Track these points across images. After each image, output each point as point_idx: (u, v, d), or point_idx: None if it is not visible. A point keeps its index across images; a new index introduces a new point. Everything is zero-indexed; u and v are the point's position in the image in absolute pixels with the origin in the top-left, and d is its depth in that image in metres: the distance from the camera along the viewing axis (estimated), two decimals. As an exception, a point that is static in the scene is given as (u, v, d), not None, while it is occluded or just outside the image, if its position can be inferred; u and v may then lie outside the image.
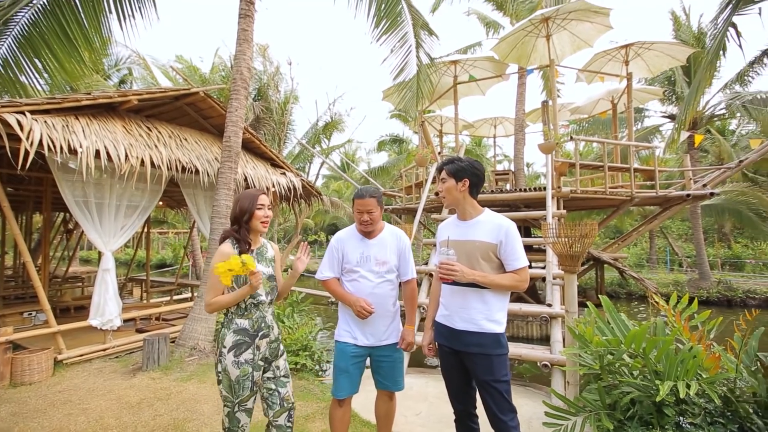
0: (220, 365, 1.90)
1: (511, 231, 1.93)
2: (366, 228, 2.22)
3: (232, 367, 1.87)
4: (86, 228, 4.71)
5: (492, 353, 1.93)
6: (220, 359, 1.91)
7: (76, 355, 4.53)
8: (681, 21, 12.32)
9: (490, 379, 1.92)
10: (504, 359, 1.96)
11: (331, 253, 2.28)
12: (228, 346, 1.89)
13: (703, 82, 4.69)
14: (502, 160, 26.64)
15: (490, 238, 1.95)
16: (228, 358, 1.88)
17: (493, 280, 1.91)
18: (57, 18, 4.67)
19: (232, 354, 1.88)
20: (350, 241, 2.27)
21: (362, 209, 2.18)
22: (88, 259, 25.25)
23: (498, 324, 1.96)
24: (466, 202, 2.04)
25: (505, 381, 1.93)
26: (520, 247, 1.93)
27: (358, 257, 2.22)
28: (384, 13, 5.55)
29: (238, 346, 1.90)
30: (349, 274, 2.24)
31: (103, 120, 4.78)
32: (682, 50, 8.05)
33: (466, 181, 2.00)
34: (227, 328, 1.93)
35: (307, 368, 4.44)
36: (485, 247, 1.95)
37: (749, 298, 10.72)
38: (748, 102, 10.87)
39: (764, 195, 15.09)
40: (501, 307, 1.98)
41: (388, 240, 2.29)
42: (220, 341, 1.92)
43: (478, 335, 1.94)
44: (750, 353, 2.64)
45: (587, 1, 6.66)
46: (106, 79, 13.39)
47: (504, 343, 1.97)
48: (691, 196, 6.75)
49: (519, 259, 1.92)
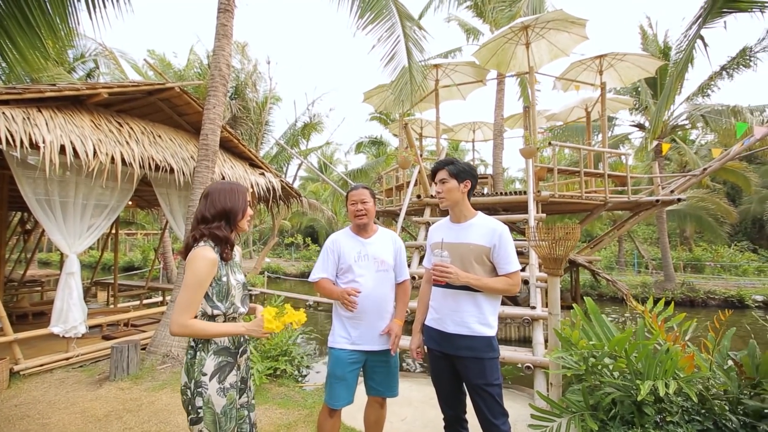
0: (200, 399, 1.49)
1: (504, 235, 1.94)
2: (361, 219, 2.18)
3: (218, 396, 1.51)
4: (49, 229, 4.40)
5: (484, 357, 1.92)
6: (198, 392, 1.50)
7: (35, 366, 4.21)
8: (648, 35, 12.96)
9: (482, 383, 1.90)
10: (495, 363, 1.96)
11: (326, 254, 2.21)
12: (209, 373, 1.51)
13: (673, 92, 4.92)
14: (479, 165, 27.14)
15: (483, 241, 1.95)
16: (211, 387, 1.50)
17: (486, 283, 1.91)
18: (17, 1, 4.35)
19: (216, 380, 1.52)
20: (346, 240, 2.23)
21: (356, 199, 2.19)
22: (47, 262, 23.77)
23: (490, 327, 1.96)
24: (464, 204, 2.04)
25: (497, 384, 1.92)
26: (513, 251, 1.94)
27: (355, 255, 2.17)
28: (368, 6, 5.47)
29: (221, 370, 1.54)
30: (346, 275, 2.17)
31: (69, 113, 4.49)
32: (652, 62, 8.45)
33: (468, 182, 2.01)
34: (204, 351, 1.53)
35: (287, 374, 4.31)
36: (479, 251, 1.95)
37: (710, 298, 11.37)
38: (708, 113, 11.54)
39: (721, 201, 16.09)
40: (493, 310, 1.98)
41: (385, 240, 2.28)
42: (196, 369, 1.51)
43: (470, 338, 1.93)
44: (723, 352, 2.75)
45: (565, 12, 6.87)
46: (70, 72, 12.68)
47: (495, 346, 1.97)
48: (660, 202, 7.07)
49: (512, 263, 1.93)
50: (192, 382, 1.52)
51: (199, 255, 1.52)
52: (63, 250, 4.50)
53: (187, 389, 1.52)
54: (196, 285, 1.50)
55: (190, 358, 1.55)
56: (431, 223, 6.70)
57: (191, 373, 1.52)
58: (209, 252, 1.54)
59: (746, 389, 2.44)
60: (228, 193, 1.65)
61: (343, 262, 2.17)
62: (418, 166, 6.68)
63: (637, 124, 14.37)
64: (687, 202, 14.27)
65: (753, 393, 2.43)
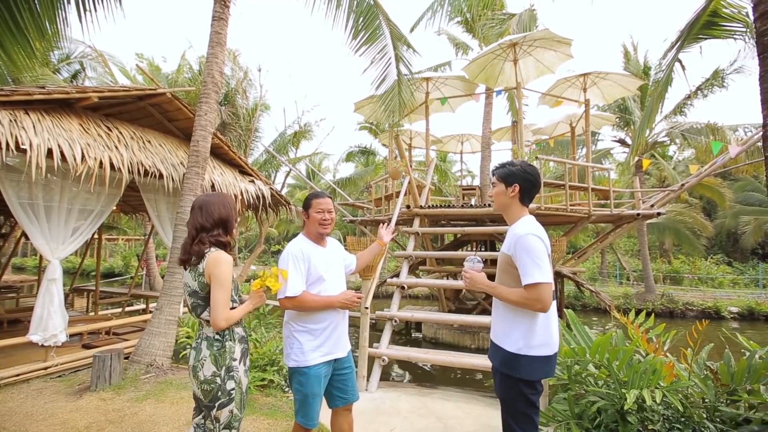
0: (231, 382, 1.74)
1: (522, 241, 1.72)
2: (326, 229, 2.17)
3: (244, 377, 1.80)
4: (31, 233, 4.29)
5: (504, 371, 1.78)
6: (230, 375, 1.74)
7: (11, 375, 4.05)
8: (630, 56, 13.51)
9: (502, 397, 1.82)
10: (512, 383, 1.75)
11: (297, 264, 2.05)
12: (238, 357, 1.80)
13: (654, 111, 5.16)
14: (466, 176, 27.50)
15: (505, 248, 1.83)
16: (240, 370, 1.79)
17: (500, 292, 1.78)
18: (6, 2, 4.29)
19: (242, 364, 1.81)
20: (312, 249, 2.14)
21: (324, 208, 2.15)
22: (21, 267, 22.90)
23: (512, 342, 1.75)
24: (513, 208, 1.89)
25: (511, 406, 1.76)
26: (530, 261, 1.69)
27: (324, 266, 2.13)
28: (362, 26, 5.63)
29: (244, 354, 1.84)
30: (315, 285, 2.08)
31: (56, 117, 4.42)
32: (633, 81, 8.81)
33: (516, 186, 1.85)
34: (231, 340, 1.80)
35: (274, 384, 4.25)
36: (503, 258, 1.85)
37: (688, 309, 11.72)
38: (686, 131, 12.05)
39: (698, 215, 16.69)
40: (517, 324, 1.76)
41: (336, 246, 2.34)
42: (227, 356, 1.76)
43: (494, 347, 1.87)
44: (700, 363, 2.86)
45: (551, 31, 7.13)
46: (55, 73, 12.44)
47: (516, 365, 1.72)
48: (641, 215, 7.31)
49: (528, 274, 1.68)
50: (223, 369, 1.74)
51: (222, 258, 1.76)
52: (45, 256, 4.38)
53: (216, 377, 1.73)
54: (228, 283, 1.76)
55: (218, 349, 1.76)
56: (420, 233, 6.76)
57: (221, 361, 1.75)
58: (225, 255, 1.79)
59: (722, 397, 2.54)
60: (221, 204, 1.86)
61: (314, 273, 2.08)
62: (408, 177, 6.76)
63: (618, 139, 14.87)
64: (666, 216, 14.75)
65: (729, 400, 2.53)
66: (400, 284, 5.52)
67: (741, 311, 11.45)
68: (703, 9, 3.94)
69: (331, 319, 2.11)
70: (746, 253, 19.71)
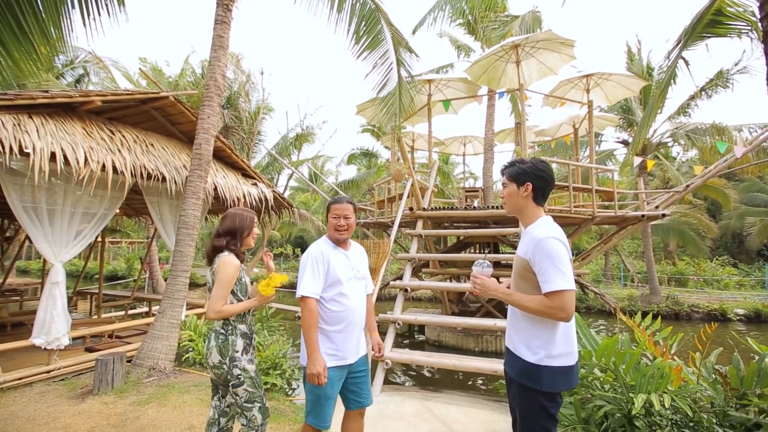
0: (236, 369, 2.02)
1: (542, 245, 1.59)
2: (342, 235, 2.15)
3: (249, 365, 2.07)
4: (34, 237, 4.30)
5: (523, 383, 1.65)
6: (234, 364, 2.02)
7: (14, 379, 4.05)
8: (634, 56, 13.44)
9: (520, 411, 1.70)
10: (531, 395, 1.64)
11: (316, 265, 2.05)
12: (240, 350, 2.06)
13: (655, 109, 5.12)
14: (468, 178, 27.46)
15: (522, 252, 1.70)
16: (243, 359, 2.06)
17: (518, 300, 1.65)
18: (11, 8, 4.32)
19: (245, 354, 2.08)
20: (333, 252, 2.13)
21: (340, 213, 2.16)
22: (26, 270, 23.02)
23: (531, 352, 1.64)
24: (527, 210, 1.75)
25: (530, 419, 1.64)
26: (552, 267, 1.56)
27: (344, 269, 2.12)
28: (364, 31, 5.64)
29: (246, 348, 2.10)
30: (334, 288, 2.07)
31: (60, 120, 4.43)
32: (636, 82, 8.76)
33: (529, 185, 1.72)
34: (233, 335, 2.07)
35: (277, 387, 4.23)
36: (519, 263, 1.72)
37: (694, 311, 11.59)
38: (691, 132, 11.96)
39: (703, 216, 16.56)
40: (537, 333, 1.64)
41: (360, 253, 2.32)
42: (230, 348, 2.04)
43: (512, 356, 1.74)
44: (708, 366, 2.81)
45: (554, 33, 7.11)
46: (58, 78, 12.54)
47: (536, 377, 1.61)
48: (645, 217, 7.25)
49: (550, 281, 1.55)
50: (227, 359, 2.03)
51: (228, 261, 2.08)
52: (48, 259, 4.39)
53: (223, 365, 2.03)
54: (226, 282, 2.05)
55: (222, 342, 2.06)
56: (423, 236, 6.74)
57: (225, 352, 2.03)
58: (234, 259, 2.11)
59: (732, 401, 2.50)
60: (238, 217, 2.20)
61: (332, 276, 2.08)
62: (411, 179, 6.74)
63: (622, 140, 14.79)
64: (670, 217, 14.63)
65: (738, 405, 2.48)
66: (403, 287, 5.49)
67: (747, 313, 11.31)
68: (708, 7, 3.91)
69: (350, 325, 2.10)
70: (752, 254, 19.52)
